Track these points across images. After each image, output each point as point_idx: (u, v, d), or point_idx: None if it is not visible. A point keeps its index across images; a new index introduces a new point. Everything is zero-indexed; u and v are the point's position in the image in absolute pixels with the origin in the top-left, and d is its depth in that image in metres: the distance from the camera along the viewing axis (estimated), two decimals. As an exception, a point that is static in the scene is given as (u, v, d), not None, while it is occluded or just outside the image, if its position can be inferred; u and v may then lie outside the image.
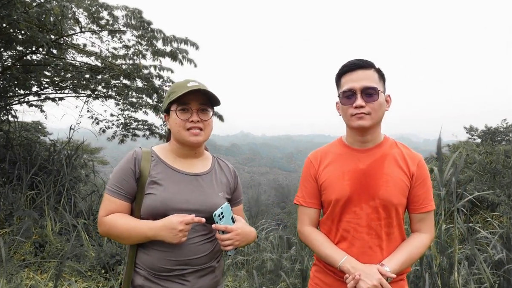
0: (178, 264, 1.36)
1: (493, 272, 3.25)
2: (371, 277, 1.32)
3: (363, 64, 1.44)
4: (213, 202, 1.43)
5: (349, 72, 1.45)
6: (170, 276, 1.36)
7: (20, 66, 5.67)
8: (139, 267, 1.39)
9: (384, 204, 1.44)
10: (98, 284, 3.72)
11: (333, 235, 1.53)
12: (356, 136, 1.51)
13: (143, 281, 1.37)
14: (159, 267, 1.35)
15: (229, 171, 1.61)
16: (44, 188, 5.21)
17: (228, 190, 1.56)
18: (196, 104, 1.43)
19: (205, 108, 1.45)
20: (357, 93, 1.41)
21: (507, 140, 12.85)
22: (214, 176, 1.53)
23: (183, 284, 1.37)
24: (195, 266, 1.39)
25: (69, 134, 6.47)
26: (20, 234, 4.21)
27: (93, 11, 4.82)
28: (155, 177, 1.40)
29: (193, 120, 1.41)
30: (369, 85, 1.40)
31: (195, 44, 5.40)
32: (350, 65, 1.45)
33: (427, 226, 1.51)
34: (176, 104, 1.42)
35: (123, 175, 1.40)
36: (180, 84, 1.45)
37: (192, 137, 1.41)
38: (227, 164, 1.64)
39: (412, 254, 1.44)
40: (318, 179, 1.57)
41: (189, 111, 1.42)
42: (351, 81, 1.43)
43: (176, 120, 1.42)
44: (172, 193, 1.39)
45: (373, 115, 1.42)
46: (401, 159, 1.49)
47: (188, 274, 1.38)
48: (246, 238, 1.43)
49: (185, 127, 1.41)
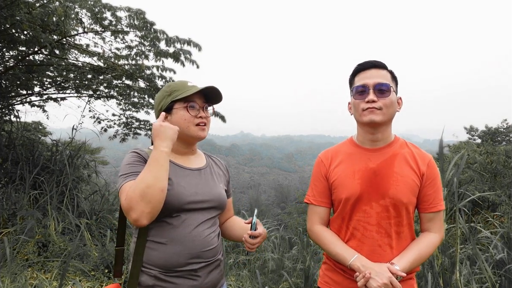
0: (191, 257, 1.39)
1: (495, 272, 3.27)
2: (382, 275, 1.34)
3: (377, 64, 1.48)
4: (217, 192, 1.55)
5: (363, 71, 1.49)
6: (182, 272, 1.38)
7: (22, 66, 5.69)
8: (148, 267, 1.38)
9: (394, 203, 1.46)
10: (102, 283, 3.74)
11: (343, 234, 1.55)
12: (367, 134, 1.53)
13: (154, 281, 1.37)
14: (172, 263, 1.37)
15: (223, 166, 1.74)
16: (47, 188, 5.23)
17: (225, 182, 1.69)
18: (201, 102, 1.52)
19: (207, 106, 1.56)
20: (369, 89, 1.45)
21: (507, 141, 12.87)
22: (212, 169, 1.63)
23: (194, 279, 1.40)
24: (205, 259, 1.43)
25: (71, 134, 6.48)
26: (24, 233, 4.23)
27: (97, 12, 4.84)
28: None
29: (201, 116, 1.50)
30: (382, 81, 1.44)
31: (197, 45, 5.42)
32: (364, 64, 1.50)
33: (436, 226, 1.52)
34: (183, 101, 1.48)
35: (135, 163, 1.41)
36: (179, 83, 1.53)
37: (200, 132, 1.51)
38: (218, 159, 1.77)
39: (421, 253, 1.45)
40: (328, 178, 1.59)
41: (196, 108, 1.51)
42: (364, 78, 1.47)
43: (185, 116, 1.48)
44: (183, 187, 1.45)
45: (384, 110, 1.44)
46: (412, 159, 1.51)
47: (200, 269, 1.41)
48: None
49: (194, 122, 1.49)
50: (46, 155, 6.28)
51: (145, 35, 5.21)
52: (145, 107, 7.08)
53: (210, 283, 1.45)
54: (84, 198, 5.95)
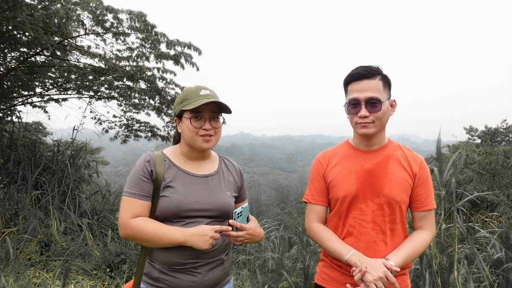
0: (191, 258, 1.45)
1: (492, 271, 3.31)
2: (377, 269, 1.41)
3: (367, 74, 1.50)
4: (222, 201, 1.53)
5: (355, 82, 1.53)
6: (183, 269, 1.45)
7: (24, 68, 5.72)
8: (154, 261, 1.47)
9: (388, 201, 1.53)
10: (104, 282, 3.78)
11: (340, 231, 1.61)
12: (362, 140, 1.62)
13: (158, 274, 1.46)
14: (173, 261, 1.45)
15: (235, 170, 1.69)
16: (49, 188, 5.27)
17: (235, 189, 1.64)
18: (209, 113, 1.50)
19: (216, 116, 1.54)
20: (361, 104, 1.50)
21: (506, 141, 12.90)
22: (222, 176, 1.61)
23: (194, 275, 1.46)
24: (206, 259, 1.48)
25: (72, 134, 6.51)
26: (26, 233, 4.26)
27: (98, 14, 4.87)
28: (168, 180, 1.48)
29: (205, 128, 1.49)
30: (373, 95, 1.48)
31: (198, 49, 5.45)
32: (355, 75, 1.52)
33: (428, 224, 1.60)
34: (189, 111, 1.48)
35: (140, 176, 1.46)
36: (193, 90, 1.51)
37: (204, 144, 1.50)
38: (233, 163, 1.73)
39: (414, 250, 1.53)
40: (326, 177, 1.66)
41: (202, 119, 1.49)
42: (356, 91, 1.51)
43: (189, 127, 1.49)
44: (184, 195, 1.47)
45: (376, 123, 1.52)
46: (404, 160, 1.59)
47: (200, 266, 1.47)
48: (255, 238, 1.54)
49: (198, 133, 1.49)
50: (48, 155, 6.32)
51: (146, 37, 5.24)
52: (146, 108, 7.10)
53: (211, 280, 1.50)
54: (85, 198, 5.99)
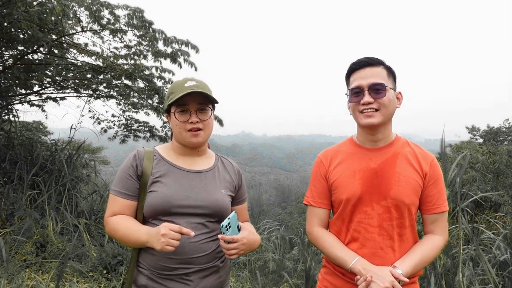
0: (180, 262, 1.35)
1: (498, 273, 3.23)
2: (383, 279, 1.28)
3: (371, 62, 1.42)
4: (215, 198, 1.43)
5: (357, 71, 1.44)
6: (173, 276, 1.35)
7: (21, 66, 5.66)
8: (142, 267, 1.39)
9: (396, 204, 1.41)
10: (100, 284, 3.70)
11: (344, 236, 1.50)
12: (367, 135, 1.49)
13: (146, 280, 1.37)
14: (161, 266, 1.35)
15: (233, 170, 1.60)
16: (45, 188, 5.21)
17: (232, 188, 1.55)
18: (195, 105, 1.42)
19: (203, 108, 1.44)
20: (364, 90, 1.40)
21: (509, 140, 12.82)
22: (217, 173, 1.53)
23: (186, 284, 1.36)
24: (197, 265, 1.37)
25: (69, 133, 6.46)
26: (21, 234, 4.19)
27: (94, 10, 4.80)
28: (157, 175, 1.40)
29: (192, 121, 1.41)
30: (376, 81, 1.38)
31: (195, 47, 5.37)
32: (358, 63, 1.44)
33: (440, 228, 1.47)
34: (175, 105, 1.42)
35: (125, 174, 1.41)
36: (178, 83, 1.44)
37: (192, 138, 1.42)
38: (231, 162, 1.64)
39: (425, 256, 1.40)
40: (328, 178, 1.54)
41: (188, 112, 1.42)
42: (359, 79, 1.42)
43: (176, 122, 1.42)
44: (174, 189, 1.39)
45: (382, 111, 1.39)
46: (414, 158, 1.46)
47: (191, 273, 1.36)
48: (251, 246, 1.41)
49: (186, 128, 1.42)
50: (45, 154, 6.25)
51: (143, 34, 5.17)
52: (145, 107, 7.04)
53: None
54: (83, 198, 5.92)
